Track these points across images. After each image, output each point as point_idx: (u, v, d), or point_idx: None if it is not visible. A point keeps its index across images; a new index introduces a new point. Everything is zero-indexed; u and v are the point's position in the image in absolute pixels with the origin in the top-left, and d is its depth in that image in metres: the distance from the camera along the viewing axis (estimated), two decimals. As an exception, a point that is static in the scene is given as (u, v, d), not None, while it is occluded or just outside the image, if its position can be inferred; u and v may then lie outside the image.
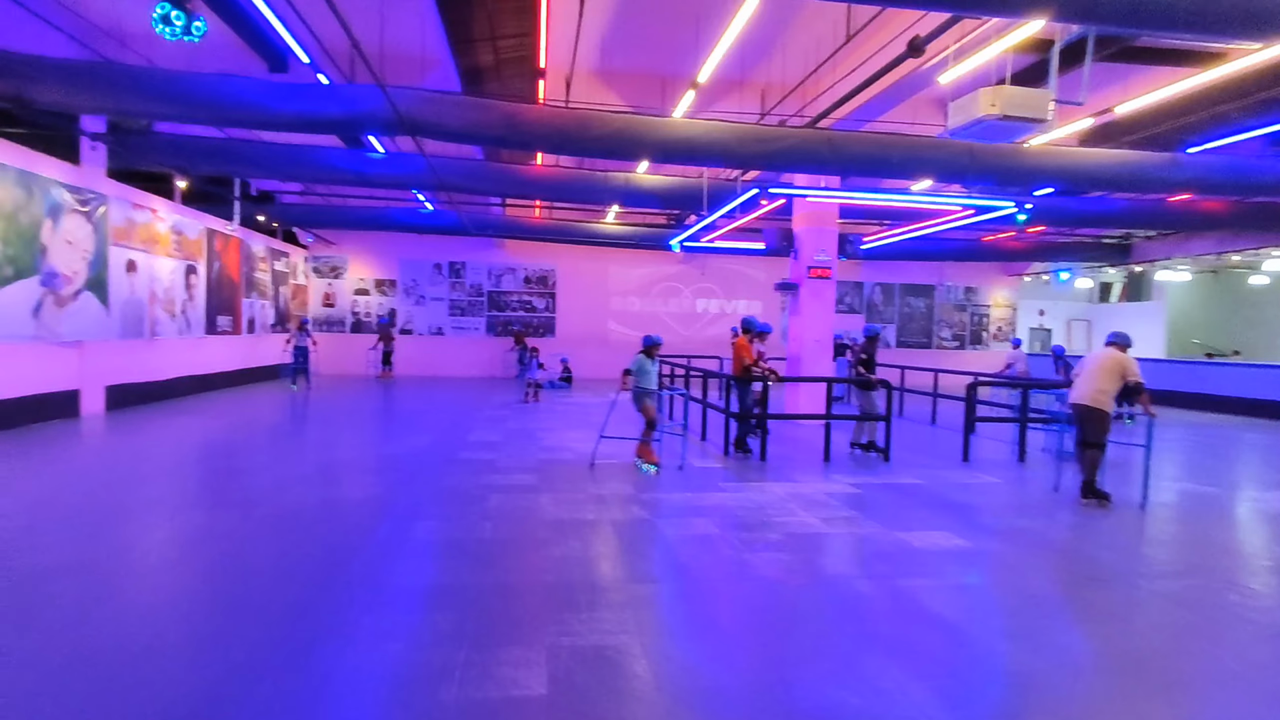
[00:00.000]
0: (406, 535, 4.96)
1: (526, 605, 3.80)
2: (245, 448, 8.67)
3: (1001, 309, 23.10)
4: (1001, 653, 3.42)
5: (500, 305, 20.63)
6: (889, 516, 5.89)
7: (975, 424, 9.19)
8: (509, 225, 17.94)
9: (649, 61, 11.37)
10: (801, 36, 9.84)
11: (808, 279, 11.71)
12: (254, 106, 8.16)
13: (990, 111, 6.01)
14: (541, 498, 6.11)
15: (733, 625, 3.72)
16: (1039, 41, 7.75)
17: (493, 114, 8.63)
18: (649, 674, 3.03)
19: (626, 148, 8.94)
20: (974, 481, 7.39)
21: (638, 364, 7.57)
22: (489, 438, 9.29)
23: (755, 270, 21.27)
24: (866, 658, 3.27)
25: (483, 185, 12.73)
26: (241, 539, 4.85)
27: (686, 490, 6.61)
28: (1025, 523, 5.89)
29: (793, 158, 8.97)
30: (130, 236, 11.30)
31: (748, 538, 5.13)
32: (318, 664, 3.05)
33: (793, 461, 8.25)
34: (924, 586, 4.25)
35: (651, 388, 7.56)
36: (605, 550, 4.77)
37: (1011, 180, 9.72)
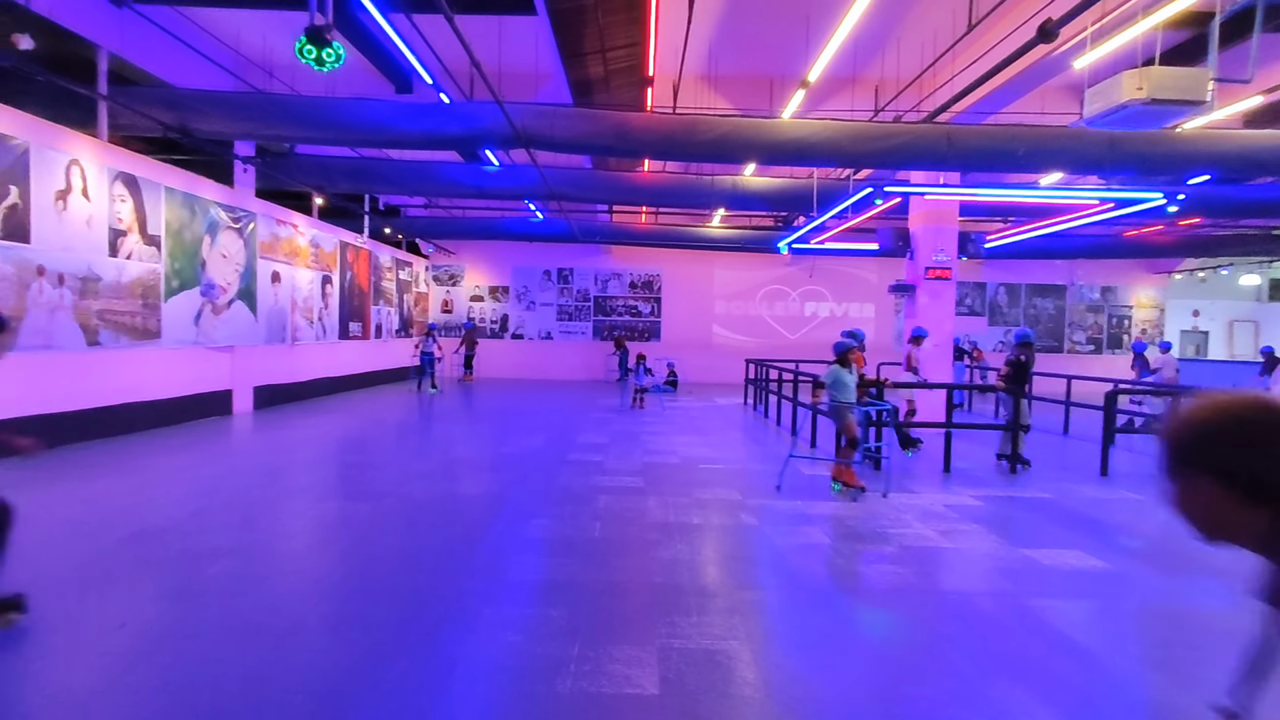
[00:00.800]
0: (521, 532, 5.14)
1: (636, 605, 3.85)
2: (374, 444, 9.28)
3: (1145, 309, 21.15)
4: (1144, 684, 3.14)
5: (606, 310, 21.01)
6: (1014, 532, 5.53)
7: (1115, 435, 8.46)
8: (615, 231, 18.27)
9: (757, 63, 11.27)
10: (918, 29, 9.44)
11: (925, 280, 11.20)
12: (383, 127, 8.75)
13: (1136, 96, 5.53)
14: (649, 500, 6.17)
15: (845, 637, 3.61)
16: (1194, 15, 7.06)
17: (602, 124, 8.82)
18: (760, 681, 3.00)
19: (734, 150, 8.89)
20: (1113, 498, 6.81)
21: (832, 375, 6.75)
22: (597, 440, 9.48)
23: (866, 272, 20.57)
24: (990, 680, 3.08)
25: (591, 193, 13.04)
26: (373, 528, 5.19)
27: (796, 498, 6.47)
28: (1176, 546, 5.36)
29: (908, 154, 8.62)
30: (275, 250, 12.38)
31: (860, 549, 4.97)
32: (445, 648, 3.23)
33: (909, 472, 7.91)
34: (1054, 608, 3.96)
35: (850, 400, 6.70)
36: (713, 555, 4.76)
37: (1158, 169, 8.89)
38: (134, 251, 8.87)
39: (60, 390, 7.88)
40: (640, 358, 13.77)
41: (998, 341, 20.49)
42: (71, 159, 7.92)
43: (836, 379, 6.71)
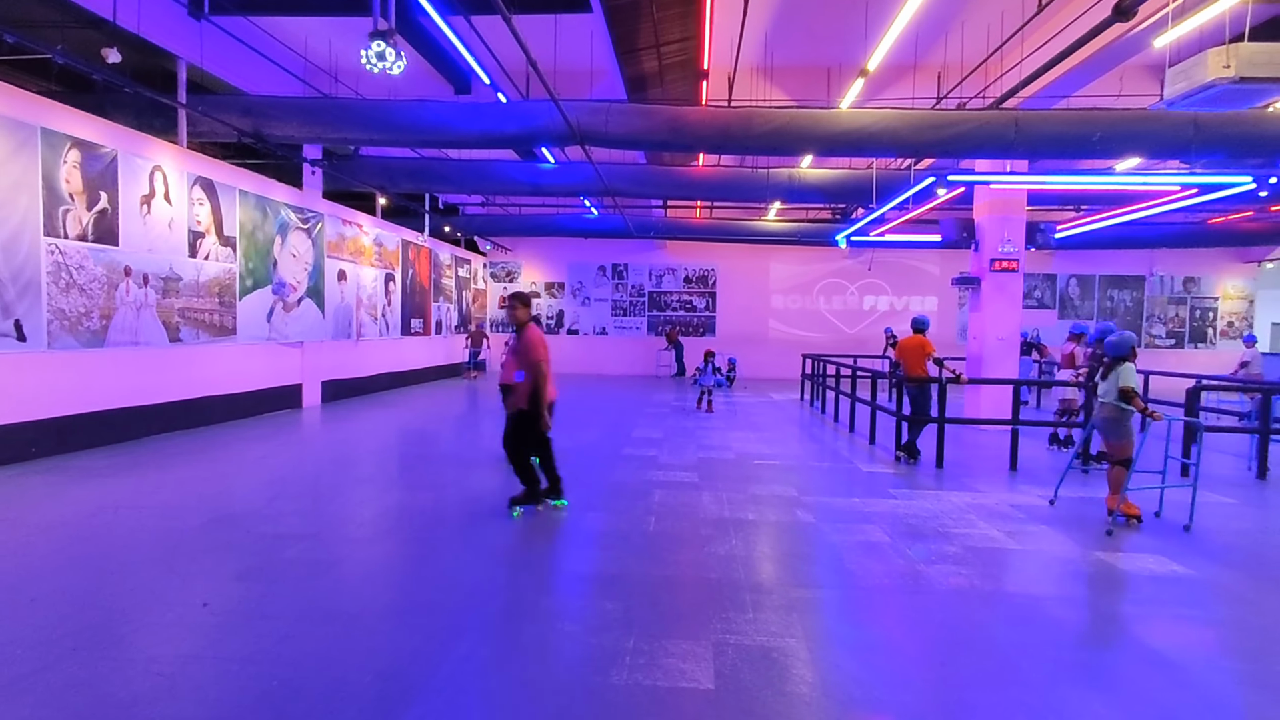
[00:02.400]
0: (576, 525, 5.20)
1: (691, 600, 3.85)
2: (435, 437, 9.52)
3: (1233, 301, 19.95)
4: (1232, 696, 2.96)
5: (660, 305, 21.02)
6: (1086, 534, 5.30)
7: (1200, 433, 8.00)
8: (670, 226, 18.24)
9: (814, 53, 11.06)
10: (983, 12, 9.11)
11: (990, 272, 10.82)
12: (443, 127, 8.95)
13: (1223, 74, 5.21)
14: (703, 496, 6.16)
15: (905, 639, 3.53)
16: (1285, -12, 6.62)
17: (656, 119, 8.81)
18: (816, 680, 2.96)
19: (790, 142, 8.76)
20: (1201, 501, 6.44)
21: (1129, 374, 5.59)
22: (652, 434, 9.50)
23: (928, 264, 20.00)
24: (1061, 688, 2.97)
25: (645, 189, 13.05)
26: (434, 518, 5.34)
27: (853, 495, 6.35)
28: (1267, 550, 5.06)
29: (973, 142, 8.33)
30: (341, 249, 12.82)
31: (921, 548, 4.85)
32: (503, 636, 3.30)
33: (973, 469, 7.67)
34: (1132, 615, 3.79)
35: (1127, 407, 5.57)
36: (768, 551, 4.72)
37: (1248, 152, 8.35)
38: (211, 252, 9.32)
39: (146, 384, 8.36)
40: (708, 355, 12.44)
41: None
42: (155, 165, 8.36)
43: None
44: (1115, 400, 5.59)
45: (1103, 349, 7.85)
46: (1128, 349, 5.67)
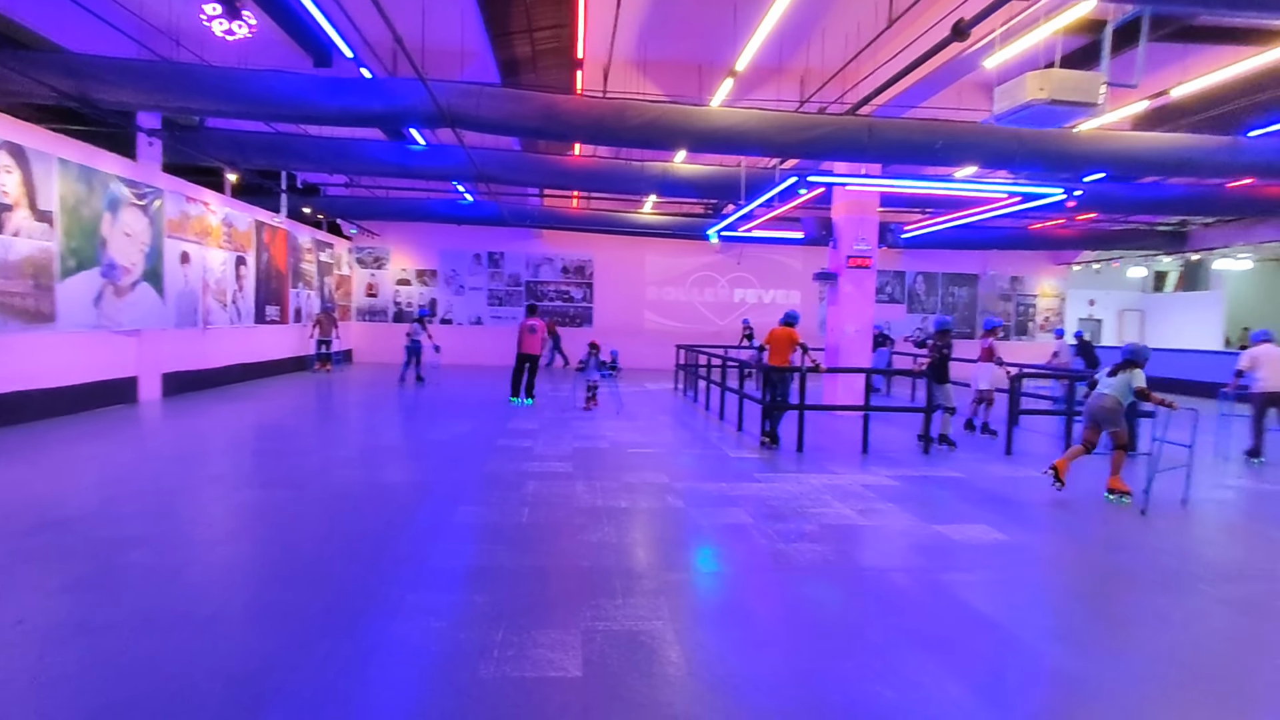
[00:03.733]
0: (446, 518, 5.08)
1: (562, 589, 3.87)
2: (294, 431, 8.94)
3: (1049, 299, 22.47)
4: (1046, 652, 3.37)
5: (538, 295, 20.81)
6: (926, 509, 5.82)
7: (1019, 416, 8.99)
8: (547, 215, 18.10)
9: (686, 50, 11.31)
10: (842, 21, 9.68)
11: (847, 268, 11.56)
12: (301, 101, 8.37)
13: (1038, 96, 5.84)
14: (577, 485, 6.19)
15: (766, 615, 3.73)
16: (1090, 22, 7.49)
17: (530, 105, 8.70)
18: (683, 660, 3.07)
19: (664, 137, 8.92)
20: (1017, 475, 7.26)
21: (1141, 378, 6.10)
22: (527, 425, 9.42)
23: (793, 260, 21.06)
24: (903, 652, 3.25)
25: (521, 176, 12.85)
26: (293, 517, 5.03)
27: (721, 480, 6.62)
28: (1070, 518, 5.77)
29: (832, 145, 8.85)
30: (184, 229, 11.70)
31: (782, 528, 5.13)
32: (365, 636, 3.17)
33: (830, 453, 8.20)
34: (963, 581, 4.20)
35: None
36: (639, 537, 4.82)
37: (1061, 166, 9.43)
38: (22, 228, 8.22)
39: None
40: (593, 347, 11.50)
41: (915, 328, 21.37)
42: (-54, 126, 7.26)
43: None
44: (1118, 396, 6.18)
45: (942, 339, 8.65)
46: (1143, 357, 6.21)
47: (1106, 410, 6.25)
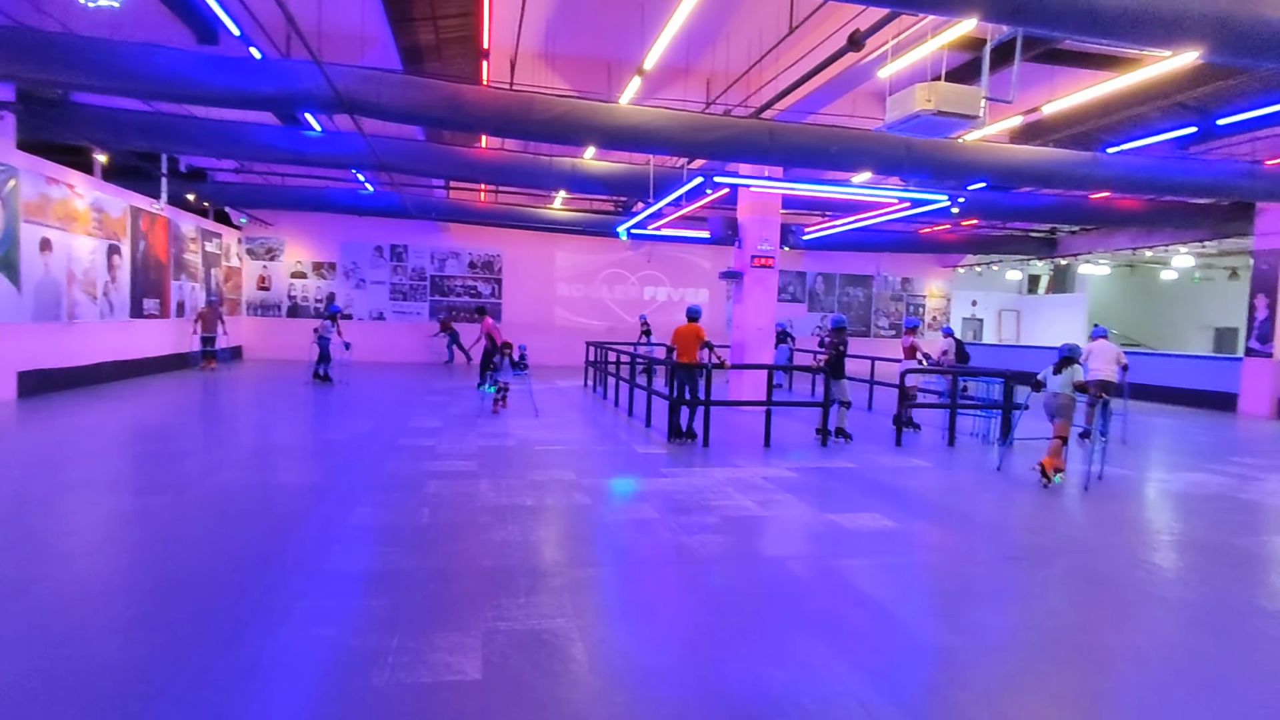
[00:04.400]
0: (341, 521, 4.88)
1: (463, 590, 3.80)
2: (173, 434, 8.34)
3: (936, 299, 23.88)
4: (924, 629, 3.59)
5: (444, 290, 20.29)
6: (822, 499, 6.08)
7: (908, 410, 9.54)
8: (453, 209, 17.63)
9: (595, 46, 11.30)
10: (746, 26, 9.92)
11: (751, 268, 11.88)
12: (182, 79, 7.80)
13: (925, 107, 6.18)
14: (481, 484, 6.09)
15: (668, 607, 3.80)
16: (972, 40, 8.01)
17: (434, 94, 8.46)
18: (584, 656, 3.08)
19: (572, 132, 8.88)
20: (904, 465, 7.68)
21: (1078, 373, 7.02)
22: (430, 424, 9.17)
23: (701, 259, 21.44)
24: (795, 636, 3.39)
25: (425, 167, 12.48)
26: (171, 523, 4.70)
27: (629, 476, 6.67)
28: (951, 504, 6.17)
29: (736, 147, 9.06)
30: (45, 213, 10.68)
31: (686, 521, 5.23)
32: (247, 647, 3.01)
33: (734, 447, 8.41)
34: (852, 566, 4.42)
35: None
36: (545, 535, 4.80)
37: (946, 174, 10.03)
38: None
39: None
40: (505, 346, 10.70)
41: (815, 326, 22.27)
42: None
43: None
44: (1069, 391, 6.87)
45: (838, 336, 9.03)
46: (1078, 355, 7.04)
47: (1064, 405, 6.95)
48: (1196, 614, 3.89)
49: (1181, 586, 4.33)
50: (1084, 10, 5.18)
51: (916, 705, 2.82)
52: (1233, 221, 14.32)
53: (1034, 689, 3.00)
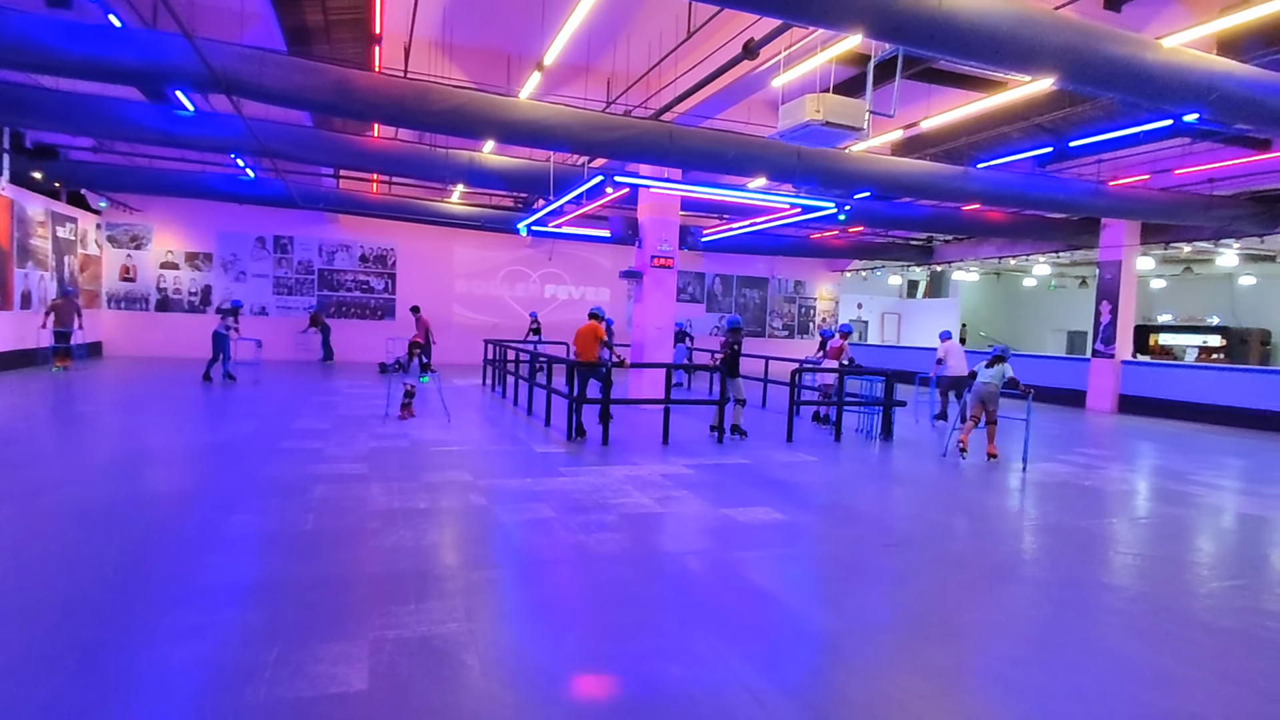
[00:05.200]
0: (217, 530, 4.56)
1: (350, 599, 3.64)
2: (18, 439, 7.51)
3: (826, 301, 25.02)
4: (811, 617, 3.76)
5: (333, 285, 19.34)
6: (717, 495, 6.24)
7: (800, 407, 9.95)
8: (343, 199, 16.82)
9: (494, 38, 11.10)
10: (646, 28, 10.03)
11: (651, 268, 12.03)
12: (29, 44, 7.03)
13: (815, 117, 6.46)
14: (372, 487, 5.86)
15: (564, 606, 3.79)
16: (858, 55, 8.45)
17: (322, 78, 8.04)
18: (477, 661, 3.03)
19: (470, 125, 8.68)
20: (795, 460, 8.01)
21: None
22: (318, 425, 8.72)
23: (603, 258, 21.49)
24: (688, 629, 3.47)
25: (312, 154, 11.83)
26: (14, 538, 4.23)
27: (527, 476, 6.60)
28: (836, 496, 6.49)
29: (635, 148, 9.15)
30: None
31: (584, 520, 5.23)
32: (107, 666, 2.76)
33: (632, 445, 8.49)
34: (745, 559, 4.56)
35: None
36: (438, 539, 4.67)
37: (834, 182, 10.53)
38: None
39: None
40: (415, 346, 9.78)
41: (713, 326, 22.84)
42: None
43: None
44: (998, 383, 8.11)
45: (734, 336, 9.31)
46: (1009, 354, 8.29)
47: (991, 394, 8.16)
48: (1049, 591, 4.28)
49: (1036, 566, 4.75)
50: (955, 34, 5.57)
51: (800, 688, 2.95)
52: (1082, 235, 15.83)
53: (906, 665, 3.21)
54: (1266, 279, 19.89)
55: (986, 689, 3.08)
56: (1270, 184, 12.38)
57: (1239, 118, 7.04)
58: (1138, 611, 3.98)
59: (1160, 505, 6.60)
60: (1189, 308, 21.94)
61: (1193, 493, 7.07)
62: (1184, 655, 3.42)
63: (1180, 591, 4.33)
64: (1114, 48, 5.96)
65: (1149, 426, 12.49)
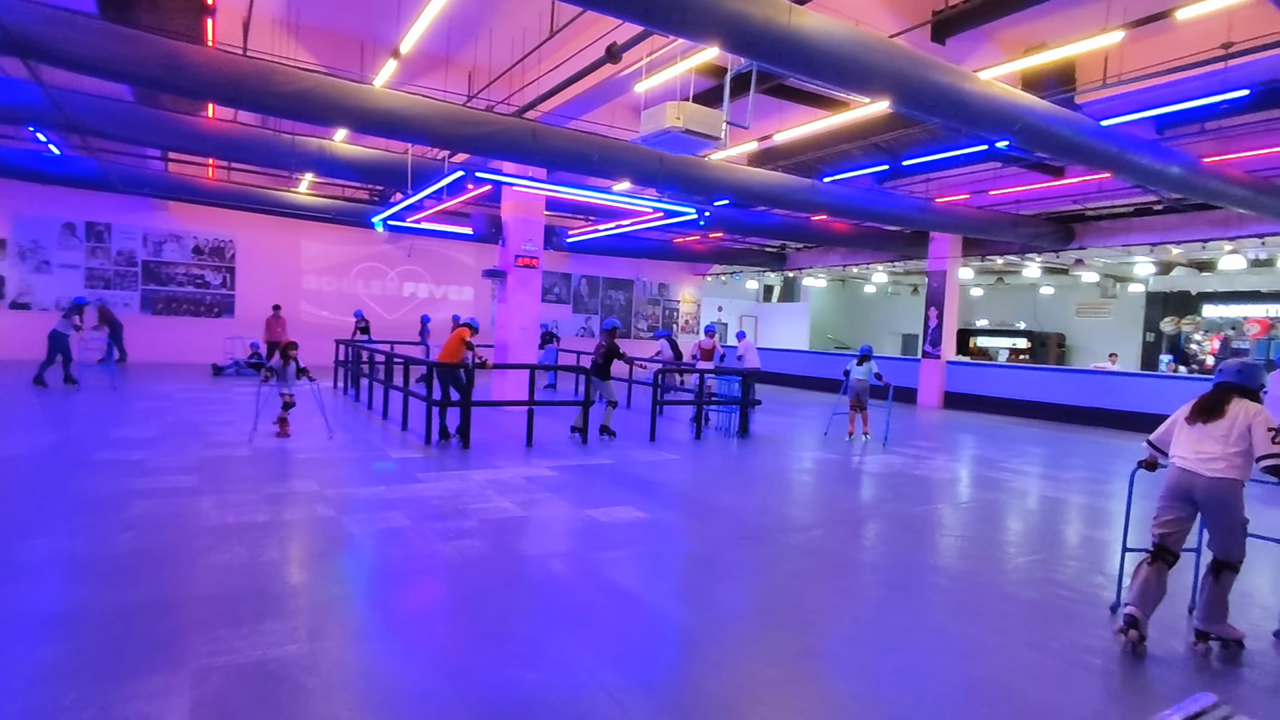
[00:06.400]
0: (8, 556, 3.97)
1: (173, 625, 3.29)
2: None
3: (689, 304, 25.78)
4: (669, 613, 3.85)
5: (161, 279, 17.47)
6: (580, 496, 6.25)
7: (663, 407, 10.18)
8: (173, 184, 15.20)
9: (346, 22, 10.49)
10: (509, 24, 9.86)
11: (515, 267, 11.85)
12: None
13: (675, 124, 6.62)
14: (204, 501, 5.34)
15: (419, 620, 3.64)
16: (716, 67, 8.77)
17: (144, 48, 7.24)
18: (319, 684, 2.84)
19: (319, 111, 8.13)
20: (658, 459, 8.18)
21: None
22: (142, 434, 7.83)
23: (466, 256, 20.91)
24: (548, 633, 3.44)
25: (133, 133, 10.61)
26: None
27: (380, 483, 6.29)
28: (696, 493, 6.70)
29: (498, 144, 8.97)
30: None
31: (441, 527, 5.06)
32: None
33: (495, 448, 8.32)
34: (606, 559, 4.60)
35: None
36: (279, 555, 4.34)
37: (695, 189, 10.87)
38: None
39: None
40: (286, 348, 8.71)
41: (579, 328, 22.90)
42: None
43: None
44: (866, 377, 10.12)
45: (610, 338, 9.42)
46: (871, 352, 10.41)
47: (863, 388, 10.20)
48: (884, 574, 4.65)
49: (872, 552, 5.14)
50: (802, 53, 5.92)
51: (658, 684, 3.02)
52: (914, 246, 17.37)
53: (758, 654, 3.37)
54: (1062, 289, 22.75)
55: (827, 672, 3.29)
56: (1064, 206, 14.18)
57: (1039, 147, 7.99)
58: (958, 588, 4.41)
59: (977, 490, 7.37)
60: (1001, 314, 24.64)
61: (1003, 479, 7.96)
62: (995, 625, 3.83)
63: (992, 568, 4.84)
64: (939, 76, 6.57)
65: (969, 420, 13.91)
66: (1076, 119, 7.85)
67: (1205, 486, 3.51)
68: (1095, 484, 7.93)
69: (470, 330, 8.93)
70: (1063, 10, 7.66)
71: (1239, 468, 3.48)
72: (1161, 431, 3.89)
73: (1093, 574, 4.78)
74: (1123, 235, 14.52)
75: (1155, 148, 8.86)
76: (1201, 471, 3.52)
